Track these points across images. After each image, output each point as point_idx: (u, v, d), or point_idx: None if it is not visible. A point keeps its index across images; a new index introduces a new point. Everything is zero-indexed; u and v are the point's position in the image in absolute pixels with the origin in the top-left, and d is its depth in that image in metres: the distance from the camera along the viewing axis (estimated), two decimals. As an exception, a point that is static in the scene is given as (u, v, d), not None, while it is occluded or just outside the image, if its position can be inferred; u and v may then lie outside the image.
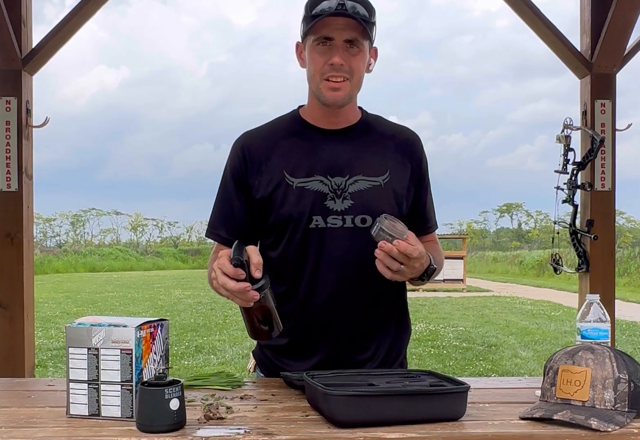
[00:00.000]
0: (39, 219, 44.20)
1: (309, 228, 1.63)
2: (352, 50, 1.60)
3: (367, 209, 1.63)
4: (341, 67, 1.58)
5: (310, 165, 1.65)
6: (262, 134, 1.72)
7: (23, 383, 1.80)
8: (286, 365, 1.71)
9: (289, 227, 1.64)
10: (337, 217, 1.63)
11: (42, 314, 10.78)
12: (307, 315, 1.68)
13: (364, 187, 1.65)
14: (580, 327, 1.55)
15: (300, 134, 1.70)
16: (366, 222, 1.63)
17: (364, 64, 1.64)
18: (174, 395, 1.22)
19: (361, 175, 1.65)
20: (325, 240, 1.63)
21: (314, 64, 1.62)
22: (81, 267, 29.88)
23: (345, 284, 1.65)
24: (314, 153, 1.66)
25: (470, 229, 50.83)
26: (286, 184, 1.63)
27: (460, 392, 1.32)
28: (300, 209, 1.62)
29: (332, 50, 1.59)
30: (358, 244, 1.62)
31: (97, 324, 1.33)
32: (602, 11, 3.74)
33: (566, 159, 3.97)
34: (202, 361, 7.26)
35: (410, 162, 1.73)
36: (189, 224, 50.98)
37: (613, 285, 3.94)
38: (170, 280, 21.94)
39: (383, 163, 1.69)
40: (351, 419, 1.25)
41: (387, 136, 1.74)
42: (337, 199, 1.63)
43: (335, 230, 1.63)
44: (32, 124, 3.68)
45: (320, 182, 1.64)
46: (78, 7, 3.64)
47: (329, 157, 1.66)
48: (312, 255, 1.64)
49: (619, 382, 1.28)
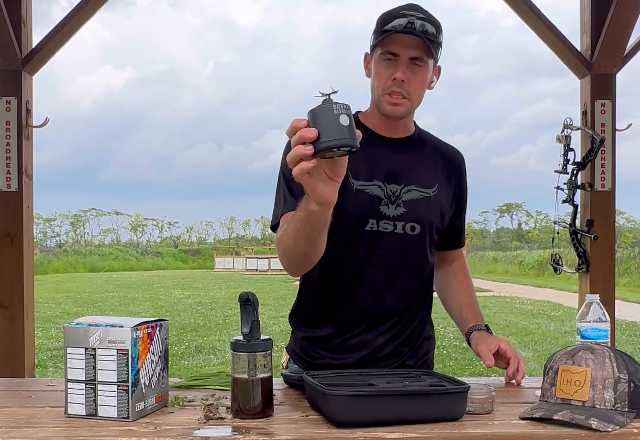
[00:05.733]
0: (39, 219, 44.23)
1: (364, 230, 1.69)
2: (415, 67, 1.65)
3: (417, 217, 1.72)
4: (402, 83, 1.64)
5: (371, 169, 1.70)
6: None
7: (23, 383, 1.80)
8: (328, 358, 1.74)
9: (344, 227, 1.67)
10: (389, 222, 1.70)
11: (42, 314, 10.78)
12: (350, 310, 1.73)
13: (416, 197, 1.73)
14: (580, 327, 1.55)
15: (362, 138, 1.70)
16: (415, 229, 1.72)
17: (426, 82, 1.70)
18: (342, 111, 1.14)
19: (414, 185, 1.73)
20: (375, 243, 1.70)
21: (378, 77, 1.68)
22: (81, 267, 29.90)
23: (388, 284, 1.73)
24: (373, 158, 1.71)
25: (470, 229, 50.85)
26: (349, 184, 1.68)
27: (460, 392, 1.32)
28: (358, 211, 1.69)
29: (396, 65, 1.64)
30: (406, 250, 1.72)
31: (95, 324, 1.33)
32: (602, 11, 3.74)
33: (566, 159, 3.97)
34: (202, 361, 7.25)
35: (455, 180, 1.83)
36: (189, 224, 51.03)
37: (613, 285, 3.94)
38: (170, 280, 21.95)
39: (433, 177, 1.77)
40: (350, 419, 1.25)
41: (437, 152, 1.82)
42: (390, 205, 1.70)
43: (386, 235, 1.70)
44: (32, 124, 3.68)
45: (378, 187, 1.70)
46: (78, 7, 3.65)
47: (387, 164, 1.73)
48: (360, 255, 1.71)
49: (619, 382, 1.28)
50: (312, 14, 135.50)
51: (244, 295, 1.39)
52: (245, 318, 1.37)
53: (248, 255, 31.96)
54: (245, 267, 28.85)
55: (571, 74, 4.02)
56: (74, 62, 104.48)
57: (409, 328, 1.78)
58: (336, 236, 1.66)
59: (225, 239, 55.29)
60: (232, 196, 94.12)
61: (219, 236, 56.56)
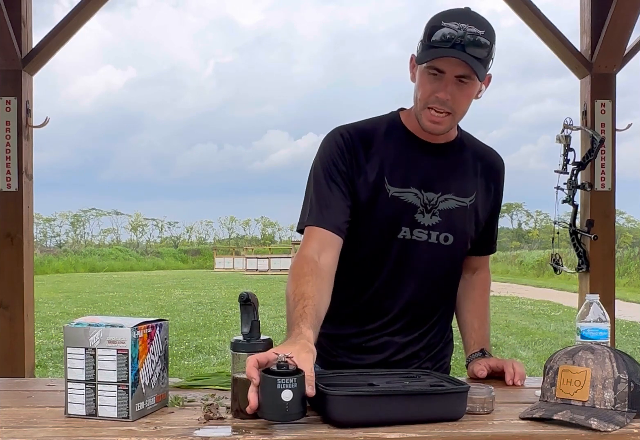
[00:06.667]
0: (39, 219, 44.23)
1: (396, 238, 1.66)
2: (461, 85, 1.57)
3: (452, 227, 1.68)
4: (446, 101, 1.57)
5: (408, 175, 1.66)
6: (362, 131, 1.69)
7: (23, 383, 1.80)
8: (346, 357, 1.74)
9: (376, 234, 1.66)
10: (423, 231, 1.66)
11: (42, 314, 10.78)
12: (376, 315, 1.72)
13: (453, 207, 1.69)
14: (580, 327, 1.55)
15: (401, 141, 1.69)
16: (448, 240, 1.68)
17: (472, 97, 1.63)
18: (286, 386, 1.19)
19: (452, 194, 1.69)
20: (407, 252, 1.67)
21: (422, 90, 1.60)
22: (81, 267, 29.90)
23: (417, 293, 1.71)
24: (412, 164, 1.67)
25: (471, 229, 50.71)
26: (384, 190, 1.64)
27: (460, 392, 1.31)
28: (392, 218, 1.65)
29: (441, 82, 1.56)
30: (437, 260, 1.69)
31: (95, 324, 1.33)
32: (602, 11, 3.74)
33: (566, 159, 3.97)
34: (202, 361, 7.26)
35: (494, 187, 1.78)
36: (189, 224, 51.03)
37: (613, 285, 3.95)
38: (170, 280, 21.95)
39: (472, 184, 1.73)
40: (349, 419, 1.25)
41: (477, 157, 1.76)
42: (426, 214, 1.66)
43: (420, 244, 1.66)
44: (32, 124, 3.68)
45: (415, 195, 1.66)
46: (78, 7, 3.65)
47: (425, 170, 1.67)
48: (390, 263, 1.67)
49: (619, 382, 1.28)
50: (313, 14, 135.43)
51: (244, 295, 1.39)
52: (245, 318, 1.37)
53: (248, 255, 31.96)
54: (245, 267, 28.84)
55: (571, 74, 4.02)
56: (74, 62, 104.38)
57: (431, 332, 1.77)
58: (368, 243, 1.67)
59: (225, 239, 55.28)
60: (232, 196, 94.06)
61: (219, 236, 56.57)
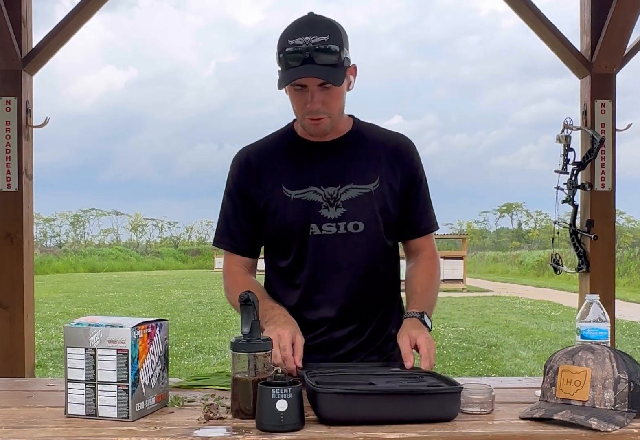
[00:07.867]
0: (39, 219, 44.20)
1: (307, 236, 1.73)
2: (327, 90, 1.63)
3: (359, 215, 1.73)
4: (318, 110, 1.64)
5: (304, 176, 1.74)
6: (259, 149, 1.83)
7: (23, 383, 1.81)
8: None
9: (289, 236, 1.76)
10: (331, 224, 1.73)
11: (42, 314, 10.77)
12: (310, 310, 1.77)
13: (355, 195, 1.74)
14: (580, 327, 1.55)
15: (294, 148, 1.80)
16: (358, 227, 1.73)
17: (342, 94, 1.69)
18: (281, 396, 1.22)
19: (352, 184, 1.74)
20: (323, 247, 1.74)
21: (294, 105, 1.69)
22: (81, 267, 29.88)
23: (345, 287, 1.76)
24: (307, 165, 1.76)
25: (470, 229, 50.78)
26: (284, 196, 1.74)
27: (451, 393, 1.31)
28: (298, 219, 1.73)
29: (307, 94, 1.64)
30: (354, 249, 1.75)
31: (95, 324, 1.33)
32: (602, 11, 3.74)
33: (566, 159, 3.97)
34: (202, 361, 7.25)
35: (400, 168, 1.79)
36: (189, 224, 50.99)
37: (613, 285, 3.94)
38: (170, 280, 21.93)
39: (374, 170, 1.76)
40: (338, 417, 1.25)
41: (378, 144, 1.80)
42: (330, 208, 1.73)
43: (331, 237, 1.73)
44: (32, 124, 3.68)
45: (315, 192, 1.73)
46: (78, 7, 3.65)
47: (320, 168, 1.75)
48: (310, 260, 1.75)
49: (619, 382, 1.28)
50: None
51: (244, 296, 1.39)
52: (245, 318, 1.37)
53: (248, 255, 31.85)
54: (245, 267, 28.78)
55: (571, 74, 4.02)
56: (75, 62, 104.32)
57: (370, 326, 1.79)
58: (286, 246, 1.77)
59: (225, 239, 55.07)
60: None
61: (219, 236, 56.36)
